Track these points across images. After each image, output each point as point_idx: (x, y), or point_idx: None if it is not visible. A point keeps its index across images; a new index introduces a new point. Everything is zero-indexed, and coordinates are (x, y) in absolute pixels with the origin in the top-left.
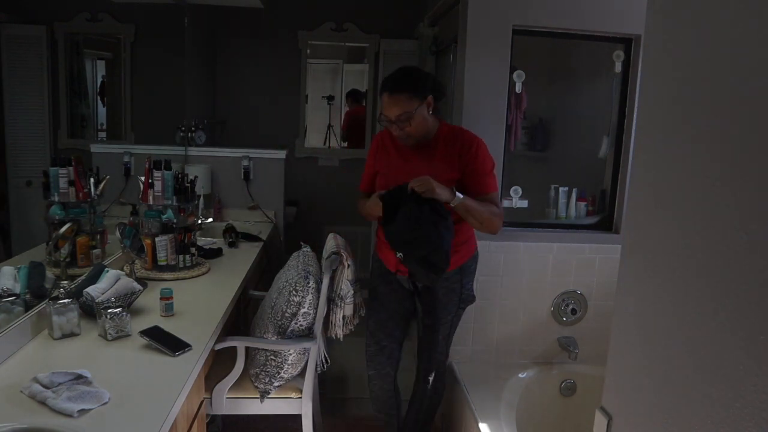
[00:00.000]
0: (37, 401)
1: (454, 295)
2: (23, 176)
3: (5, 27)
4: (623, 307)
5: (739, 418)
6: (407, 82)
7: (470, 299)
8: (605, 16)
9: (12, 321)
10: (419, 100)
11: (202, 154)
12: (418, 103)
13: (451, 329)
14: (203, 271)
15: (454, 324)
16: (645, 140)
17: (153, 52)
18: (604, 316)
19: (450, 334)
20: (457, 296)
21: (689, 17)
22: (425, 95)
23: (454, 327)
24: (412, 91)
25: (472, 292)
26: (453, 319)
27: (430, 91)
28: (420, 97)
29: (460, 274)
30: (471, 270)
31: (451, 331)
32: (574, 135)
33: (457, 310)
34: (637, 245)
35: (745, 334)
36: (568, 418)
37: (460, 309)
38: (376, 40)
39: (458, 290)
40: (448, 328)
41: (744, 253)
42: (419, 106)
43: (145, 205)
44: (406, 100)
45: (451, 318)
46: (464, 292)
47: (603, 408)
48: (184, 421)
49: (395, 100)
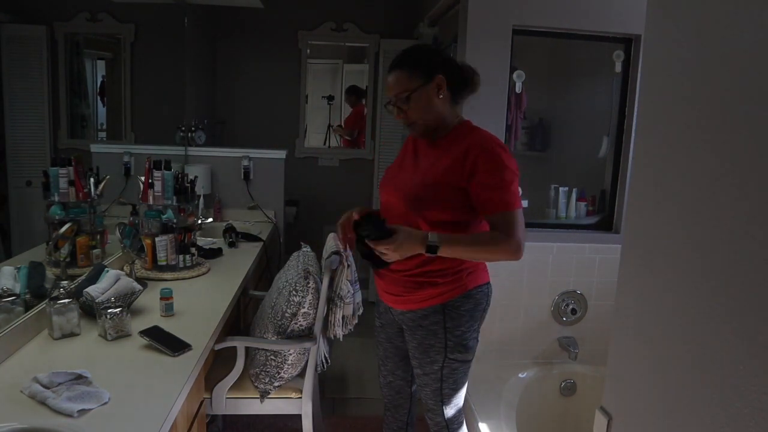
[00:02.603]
0: (37, 401)
1: (437, 341)
2: (23, 176)
3: (5, 27)
4: (623, 307)
5: (739, 418)
6: (410, 57)
7: (463, 349)
8: (605, 16)
9: (12, 321)
10: (423, 79)
11: (202, 154)
12: (421, 82)
13: (444, 383)
14: (203, 271)
15: (446, 378)
16: (645, 140)
17: (153, 52)
18: (604, 316)
19: (441, 389)
20: (442, 343)
21: (689, 17)
22: (432, 74)
23: (449, 382)
24: (414, 67)
25: (468, 341)
26: (443, 372)
27: (440, 70)
28: (424, 76)
29: (443, 314)
30: (462, 312)
31: (444, 385)
32: (574, 135)
33: (446, 360)
34: (636, 245)
35: (745, 334)
36: (568, 418)
37: (451, 360)
38: (376, 40)
39: (441, 335)
40: (438, 380)
41: (744, 253)
42: (423, 85)
43: (145, 205)
44: (406, 77)
45: (440, 369)
46: (451, 339)
47: (603, 408)
48: (184, 421)
49: (395, 76)
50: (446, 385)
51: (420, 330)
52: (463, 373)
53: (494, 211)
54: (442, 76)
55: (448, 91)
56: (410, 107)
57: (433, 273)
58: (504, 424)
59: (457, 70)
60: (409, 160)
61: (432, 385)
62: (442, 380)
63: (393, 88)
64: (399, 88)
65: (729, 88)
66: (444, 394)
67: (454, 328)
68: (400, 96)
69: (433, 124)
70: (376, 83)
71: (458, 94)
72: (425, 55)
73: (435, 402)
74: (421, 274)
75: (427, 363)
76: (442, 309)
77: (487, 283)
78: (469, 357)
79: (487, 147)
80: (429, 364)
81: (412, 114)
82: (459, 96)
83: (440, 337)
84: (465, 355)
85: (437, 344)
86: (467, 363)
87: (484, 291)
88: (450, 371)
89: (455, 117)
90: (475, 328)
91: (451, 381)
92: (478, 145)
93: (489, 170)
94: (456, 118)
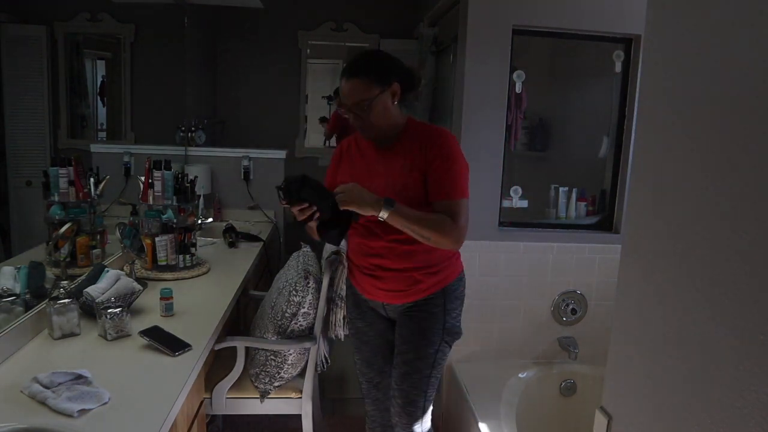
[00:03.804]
0: (37, 401)
1: (437, 323)
2: (23, 176)
3: (5, 27)
4: (623, 307)
5: (739, 418)
6: (368, 66)
7: (456, 332)
8: (605, 16)
9: (12, 321)
10: (381, 87)
11: (202, 154)
12: (380, 90)
13: (434, 369)
14: (203, 271)
15: (437, 363)
16: (645, 140)
17: (153, 52)
18: (604, 316)
19: (432, 375)
20: (441, 324)
21: (689, 17)
22: (389, 82)
23: (438, 369)
24: (372, 76)
25: (459, 324)
26: (437, 356)
27: (396, 77)
28: (382, 84)
29: (443, 297)
30: (457, 295)
31: (434, 372)
32: (574, 135)
33: (441, 343)
34: (636, 245)
35: (744, 334)
36: (568, 418)
37: (445, 343)
38: (376, 40)
39: (441, 317)
40: (429, 366)
41: (744, 253)
42: (381, 93)
43: (145, 205)
44: (364, 85)
45: (434, 353)
46: (449, 321)
47: (603, 408)
48: (184, 421)
49: (353, 85)
50: (435, 372)
51: (420, 314)
52: (444, 363)
53: (441, 198)
54: (398, 84)
55: (402, 96)
56: (369, 115)
57: (432, 263)
58: (504, 424)
59: (409, 75)
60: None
61: (423, 371)
62: (433, 365)
63: (350, 97)
64: (357, 97)
65: (729, 88)
66: (430, 384)
67: (452, 310)
68: (360, 105)
69: (388, 129)
70: None
71: (406, 97)
72: (382, 63)
73: (418, 392)
74: (421, 267)
75: (423, 345)
76: (443, 293)
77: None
78: (457, 339)
79: (447, 137)
80: (425, 347)
81: (370, 121)
82: (406, 98)
83: (440, 318)
84: (455, 337)
85: (436, 326)
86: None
87: (463, 276)
88: (441, 356)
89: (402, 118)
90: (461, 311)
91: (440, 367)
92: (430, 136)
93: (441, 159)
94: (403, 118)
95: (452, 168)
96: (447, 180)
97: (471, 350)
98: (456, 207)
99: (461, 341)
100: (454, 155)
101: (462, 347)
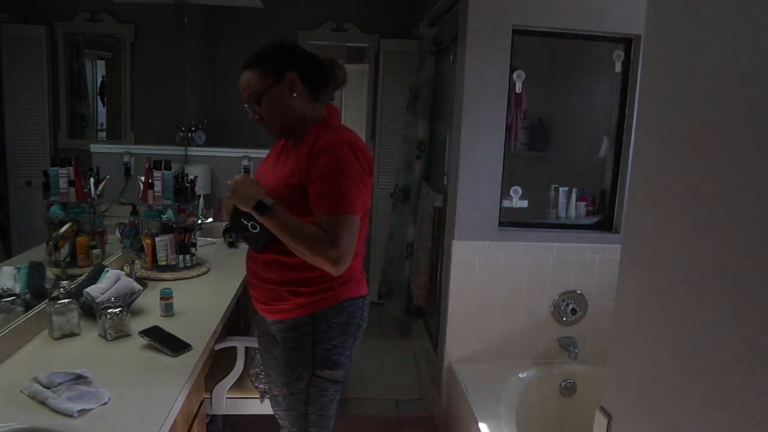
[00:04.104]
0: (37, 401)
1: (304, 354)
2: (23, 176)
3: (5, 27)
4: (623, 307)
5: (739, 418)
6: (259, 57)
7: (332, 365)
8: (605, 16)
9: (12, 321)
10: (273, 79)
11: (202, 154)
12: (272, 82)
13: (310, 407)
14: (203, 271)
15: (312, 400)
16: (645, 140)
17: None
18: (604, 316)
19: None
20: (309, 357)
21: (689, 17)
22: (282, 73)
23: (316, 405)
24: (264, 67)
25: (336, 357)
26: (309, 392)
27: (292, 68)
28: (275, 75)
29: (312, 325)
30: (333, 325)
31: (310, 409)
32: (574, 135)
33: (313, 378)
34: (636, 245)
35: (744, 334)
36: (568, 418)
37: (319, 378)
38: (376, 40)
39: (309, 348)
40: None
41: (744, 253)
42: (273, 85)
43: (145, 205)
44: (257, 77)
45: (306, 388)
46: (319, 353)
47: (603, 408)
48: (184, 421)
49: (246, 77)
50: (312, 410)
51: (289, 342)
52: (332, 397)
53: (321, 212)
54: (294, 74)
55: (306, 88)
56: (263, 108)
57: (299, 282)
58: (504, 424)
59: (315, 65)
60: (272, 159)
61: (297, 409)
62: (308, 402)
63: (245, 90)
64: (250, 90)
65: (729, 88)
66: (309, 420)
67: (323, 341)
68: (252, 97)
69: (289, 124)
70: (375, 83)
71: (318, 90)
72: (275, 53)
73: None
74: (286, 282)
75: (293, 379)
76: (312, 320)
77: (362, 296)
78: (338, 376)
79: (332, 148)
80: (295, 382)
81: (265, 115)
82: (319, 92)
83: (308, 350)
84: (334, 372)
85: (304, 358)
86: (337, 384)
87: (358, 304)
88: (317, 392)
89: (316, 114)
90: (348, 344)
91: (318, 405)
92: (323, 145)
93: (327, 171)
94: (317, 114)
95: (336, 181)
96: (329, 193)
97: (471, 350)
98: (334, 224)
99: (461, 341)
100: (341, 166)
101: (462, 347)
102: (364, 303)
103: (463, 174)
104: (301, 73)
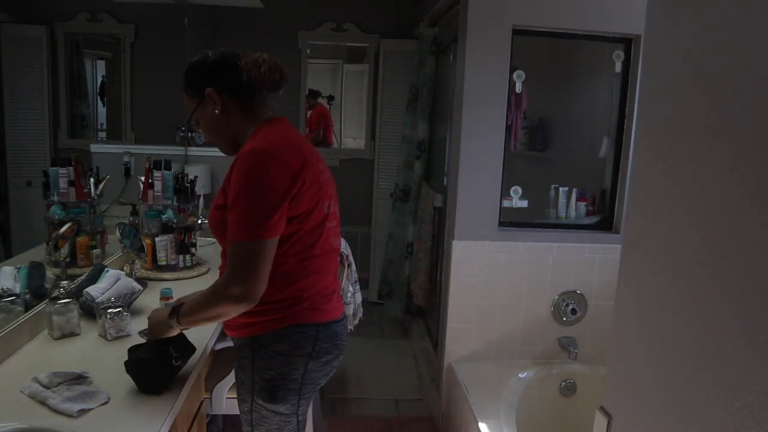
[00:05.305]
0: (37, 401)
1: (245, 377)
2: (23, 176)
3: (5, 27)
4: (623, 307)
5: (739, 418)
6: (185, 78)
7: (268, 398)
8: (605, 16)
9: (12, 321)
10: (197, 99)
11: (202, 154)
12: (196, 103)
13: (253, 429)
14: (203, 271)
15: (257, 424)
16: (645, 140)
17: (153, 52)
18: (604, 316)
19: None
20: (249, 380)
21: (689, 17)
22: (201, 90)
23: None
24: (189, 88)
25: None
26: (252, 416)
27: (208, 82)
28: (196, 95)
29: (251, 349)
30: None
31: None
32: (574, 135)
33: (254, 403)
34: (636, 245)
35: (745, 334)
36: (568, 418)
37: (259, 405)
38: (376, 40)
39: (249, 372)
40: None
41: (743, 253)
42: (199, 105)
43: (145, 205)
44: (186, 100)
45: (249, 411)
46: (258, 381)
47: (603, 408)
48: (184, 421)
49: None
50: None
51: (236, 361)
52: (279, 426)
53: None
54: (212, 90)
55: (233, 101)
56: (201, 128)
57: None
58: (504, 424)
59: (234, 74)
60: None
61: (246, 428)
62: (253, 425)
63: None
64: (188, 113)
65: (729, 88)
66: None
67: (262, 370)
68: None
69: (227, 141)
70: (376, 83)
71: (249, 98)
72: (193, 72)
73: None
74: None
75: (240, 400)
76: (252, 343)
77: (316, 323)
78: (278, 409)
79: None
80: (241, 403)
81: (205, 135)
82: (252, 100)
83: (248, 373)
84: (272, 405)
85: (245, 381)
86: (281, 416)
87: (309, 333)
88: (260, 418)
89: (255, 125)
90: (295, 377)
91: (263, 429)
92: (237, 158)
93: (234, 188)
94: (256, 125)
95: (238, 202)
96: (233, 218)
97: (471, 350)
98: (235, 256)
99: (461, 341)
100: (246, 184)
101: (462, 347)
102: (318, 331)
103: (463, 174)
104: (220, 88)
